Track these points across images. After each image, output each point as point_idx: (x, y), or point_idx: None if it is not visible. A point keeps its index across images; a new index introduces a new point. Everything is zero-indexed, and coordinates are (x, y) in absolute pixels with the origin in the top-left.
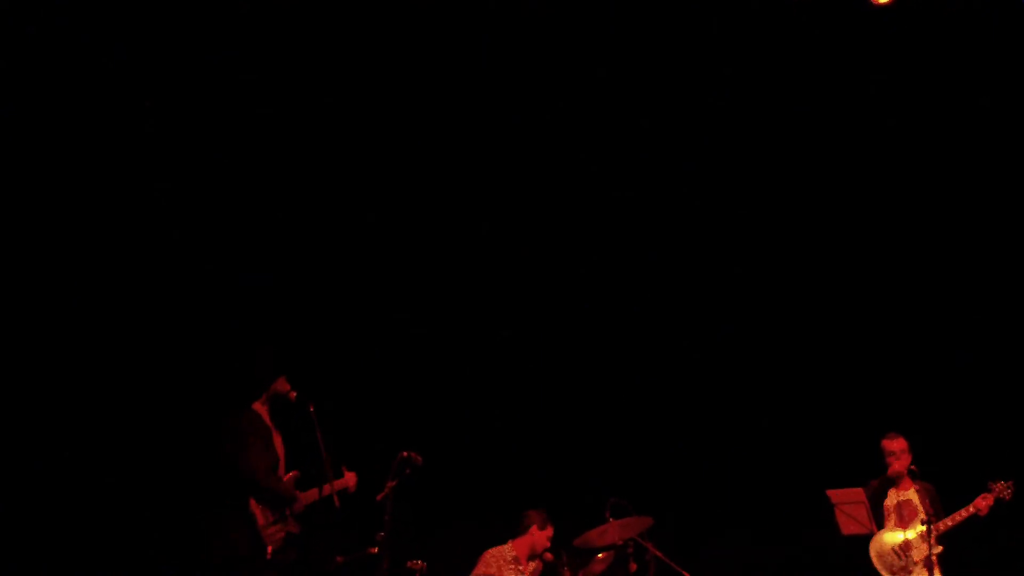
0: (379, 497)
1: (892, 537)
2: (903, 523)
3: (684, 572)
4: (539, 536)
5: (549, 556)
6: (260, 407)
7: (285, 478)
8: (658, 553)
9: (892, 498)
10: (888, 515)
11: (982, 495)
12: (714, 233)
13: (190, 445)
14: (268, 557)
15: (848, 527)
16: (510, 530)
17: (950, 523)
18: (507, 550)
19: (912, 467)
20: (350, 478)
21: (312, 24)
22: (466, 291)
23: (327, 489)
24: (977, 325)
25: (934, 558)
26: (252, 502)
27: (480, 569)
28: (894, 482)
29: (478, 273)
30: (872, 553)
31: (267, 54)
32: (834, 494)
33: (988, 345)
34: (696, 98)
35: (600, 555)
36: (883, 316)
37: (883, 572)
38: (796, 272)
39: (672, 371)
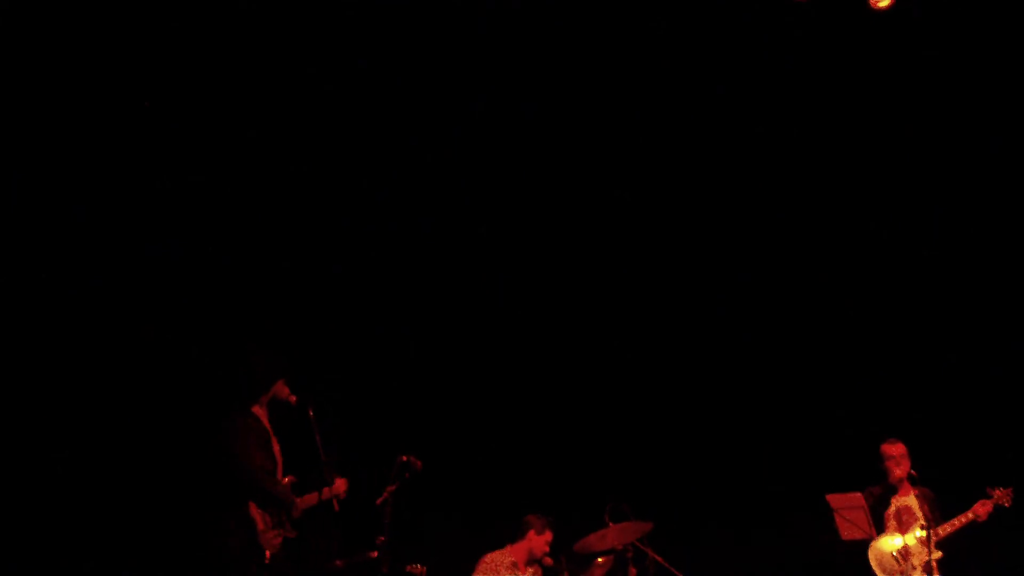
0: (378, 501)
1: (891, 542)
2: (902, 528)
3: None
4: (537, 541)
5: (548, 561)
6: (259, 410)
7: (283, 483)
8: (658, 558)
9: (892, 503)
10: (888, 521)
11: (981, 501)
12: (714, 238)
13: (190, 448)
14: (266, 562)
15: (848, 532)
16: (509, 535)
17: (949, 529)
18: (506, 555)
19: (912, 472)
20: (340, 484)
21: (312, 26)
22: (465, 295)
23: (326, 493)
24: (977, 330)
25: (933, 564)
26: (252, 507)
27: (479, 574)
28: (896, 489)
29: (478, 276)
30: (871, 558)
31: (267, 54)
32: (834, 499)
33: (988, 351)
34: (696, 98)
35: (599, 559)
36: (883, 320)
37: None
38: (795, 276)
39: (672, 375)
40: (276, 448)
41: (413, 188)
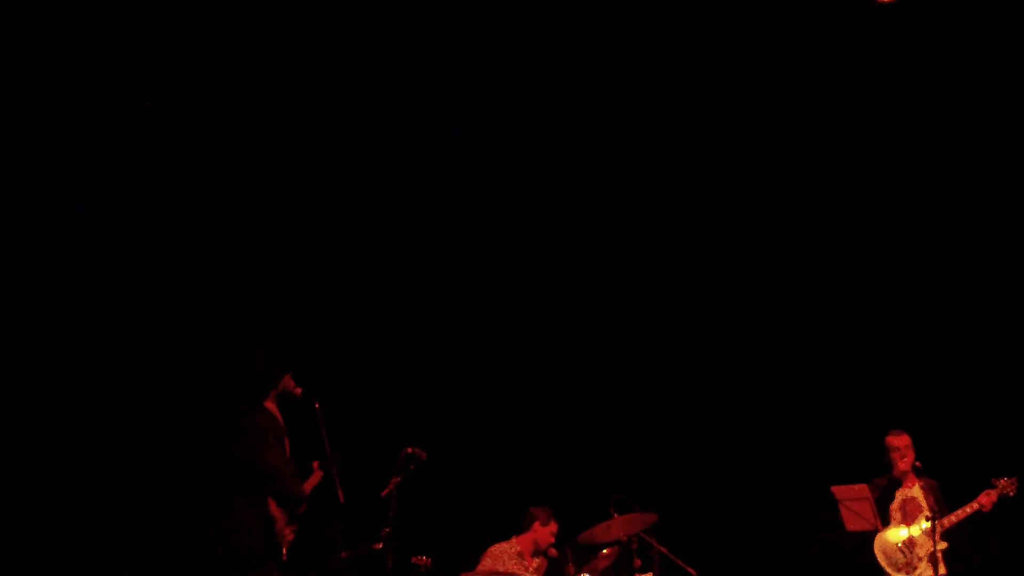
0: (383, 493)
1: (896, 533)
2: (907, 519)
3: (688, 568)
4: (542, 532)
5: (553, 552)
6: (271, 406)
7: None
8: (662, 549)
9: (897, 495)
10: (893, 512)
11: (986, 491)
12: (714, 238)
13: (194, 444)
14: (284, 558)
15: (853, 523)
16: (515, 526)
17: (954, 519)
18: (511, 546)
19: (916, 463)
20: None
21: (312, 26)
22: (466, 294)
23: (316, 472)
24: (981, 320)
25: (939, 554)
26: (272, 503)
27: (485, 565)
28: (900, 481)
29: (483, 270)
30: (877, 549)
31: (267, 54)
32: (839, 491)
33: (992, 341)
34: (696, 98)
35: (604, 551)
36: (883, 320)
37: (888, 568)
38: (795, 276)
39: (676, 367)
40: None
41: (413, 188)
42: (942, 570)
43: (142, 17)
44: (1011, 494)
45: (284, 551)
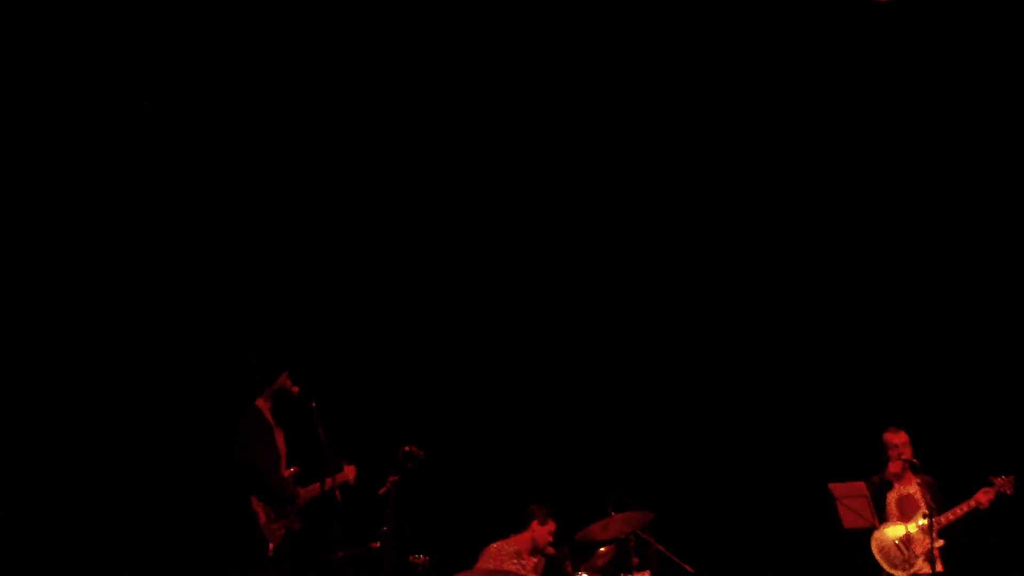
0: (381, 492)
1: (894, 531)
2: (905, 517)
3: (686, 565)
4: (540, 531)
5: (551, 550)
6: (263, 404)
7: (286, 474)
8: (660, 547)
9: (894, 492)
10: (890, 509)
11: (983, 489)
12: (714, 238)
13: (191, 445)
14: (270, 554)
15: (850, 521)
16: (512, 525)
17: (951, 517)
18: (509, 545)
19: (914, 460)
20: (349, 471)
21: (312, 26)
22: (465, 294)
23: (328, 483)
24: (981, 320)
25: (936, 551)
26: (254, 500)
27: (483, 564)
28: (898, 478)
29: (483, 270)
30: (874, 547)
31: (267, 54)
32: (836, 488)
33: (990, 339)
34: (696, 98)
35: (602, 549)
36: (883, 320)
37: (885, 566)
38: (795, 276)
39: (676, 367)
40: (280, 440)
41: (413, 188)
42: (939, 567)
43: (142, 17)
44: (1009, 492)
45: (271, 548)
